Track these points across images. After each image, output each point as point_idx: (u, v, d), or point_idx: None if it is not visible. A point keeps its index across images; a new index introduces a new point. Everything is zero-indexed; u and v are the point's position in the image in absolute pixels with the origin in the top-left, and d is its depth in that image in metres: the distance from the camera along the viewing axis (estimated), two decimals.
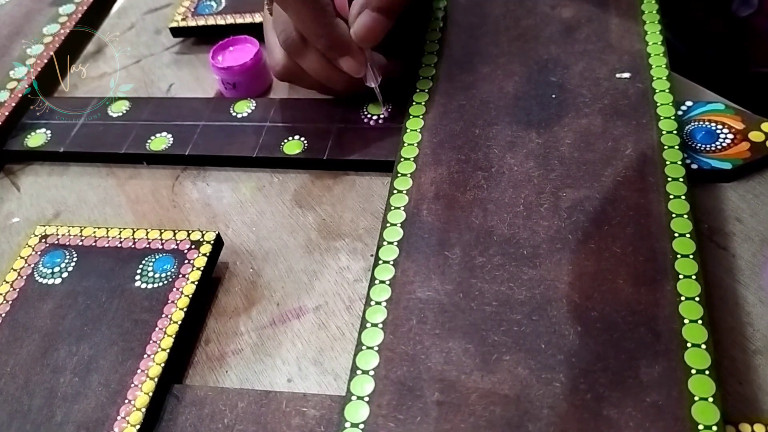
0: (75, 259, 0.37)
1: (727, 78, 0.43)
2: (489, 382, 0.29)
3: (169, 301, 0.35)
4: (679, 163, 0.36)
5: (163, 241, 0.37)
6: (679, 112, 0.39)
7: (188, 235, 0.38)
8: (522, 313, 0.31)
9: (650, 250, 0.32)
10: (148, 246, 0.37)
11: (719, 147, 0.38)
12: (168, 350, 0.33)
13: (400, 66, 0.44)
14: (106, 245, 0.38)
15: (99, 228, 0.39)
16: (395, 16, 0.40)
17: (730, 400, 0.29)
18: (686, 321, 0.30)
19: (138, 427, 0.31)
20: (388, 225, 0.36)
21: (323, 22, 0.39)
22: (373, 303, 0.33)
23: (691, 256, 0.32)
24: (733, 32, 0.51)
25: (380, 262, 0.34)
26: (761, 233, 0.35)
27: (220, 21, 0.52)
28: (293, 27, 0.40)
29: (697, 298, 0.30)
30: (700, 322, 0.30)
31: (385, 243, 0.35)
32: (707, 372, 0.28)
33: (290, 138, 0.43)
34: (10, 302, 0.36)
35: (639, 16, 0.44)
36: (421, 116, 0.41)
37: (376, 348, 0.31)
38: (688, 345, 0.29)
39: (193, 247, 0.37)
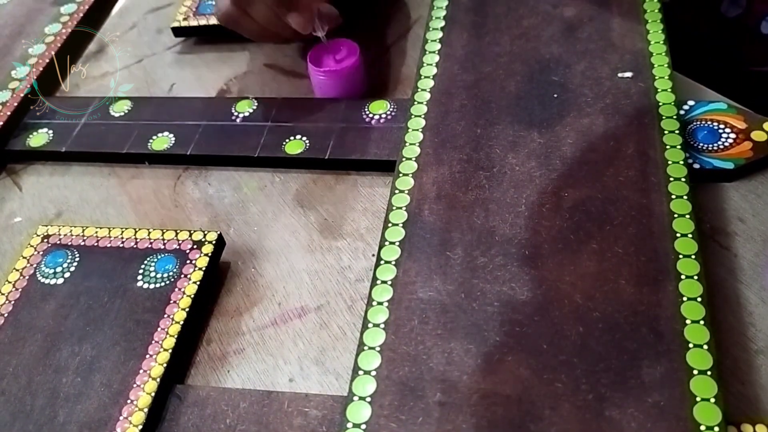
0: (77, 259, 0.38)
1: (720, 78, 0.44)
2: (491, 383, 0.29)
3: (171, 301, 0.35)
4: (681, 162, 0.36)
5: (165, 241, 0.37)
6: (681, 112, 0.39)
7: (190, 234, 0.38)
8: (524, 314, 0.31)
9: (652, 250, 0.32)
10: (150, 246, 0.37)
11: (721, 146, 0.38)
12: (170, 350, 0.33)
13: (341, 17, 0.45)
14: (108, 245, 0.38)
15: (101, 228, 0.39)
16: None
17: (732, 401, 0.29)
18: (688, 321, 0.30)
19: (140, 427, 0.31)
20: (389, 225, 0.35)
21: None
22: (374, 303, 0.33)
23: (693, 257, 0.32)
24: (722, 33, 0.51)
25: (382, 262, 0.34)
26: (763, 233, 0.35)
27: None
28: None
29: (699, 299, 0.30)
30: (702, 322, 0.30)
31: (386, 243, 0.35)
32: (709, 372, 0.28)
33: (292, 138, 0.43)
34: (13, 302, 0.36)
35: (641, 16, 0.44)
36: (422, 116, 0.41)
37: (378, 348, 0.31)
38: (690, 345, 0.29)
39: (194, 246, 0.37)
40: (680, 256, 0.32)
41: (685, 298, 0.30)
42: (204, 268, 0.36)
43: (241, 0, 0.42)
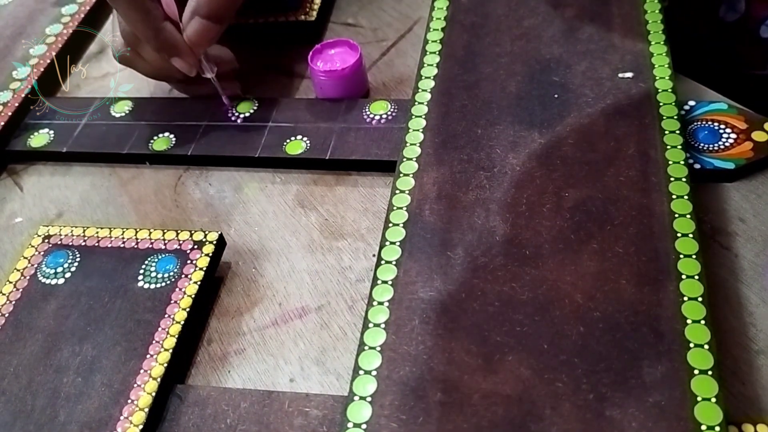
0: (78, 260, 0.38)
1: (719, 80, 0.44)
2: (491, 383, 0.29)
3: (172, 301, 0.35)
4: (682, 162, 0.36)
5: (166, 242, 0.37)
6: (682, 112, 0.39)
7: (191, 235, 0.38)
8: (524, 314, 0.31)
9: (653, 250, 0.32)
10: (150, 246, 0.37)
11: (722, 147, 0.38)
12: (171, 350, 0.33)
13: (236, 61, 0.47)
14: (109, 245, 0.38)
15: (102, 228, 0.39)
16: (225, 21, 0.42)
17: (733, 401, 0.29)
18: (689, 321, 0.30)
19: (141, 427, 0.31)
20: (390, 225, 0.36)
21: (150, 25, 0.41)
22: (375, 303, 0.33)
23: (693, 256, 0.32)
24: (721, 36, 0.51)
25: (382, 262, 0.34)
26: (764, 233, 0.35)
27: None
28: None
29: (699, 299, 0.30)
30: (702, 322, 0.30)
31: (387, 243, 0.35)
32: (710, 372, 0.28)
33: (292, 138, 0.43)
34: (14, 302, 0.36)
35: (642, 16, 0.44)
36: (423, 116, 0.41)
37: (379, 348, 0.31)
38: (691, 345, 0.29)
39: (195, 247, 0.37)
40: (681, 256, 0.32)
41: (685, 298, 0.30)
42: (205, 268, 0.36)
43: (129, 40, 0.43)
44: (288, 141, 0.43)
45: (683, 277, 0.31)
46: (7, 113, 0.48)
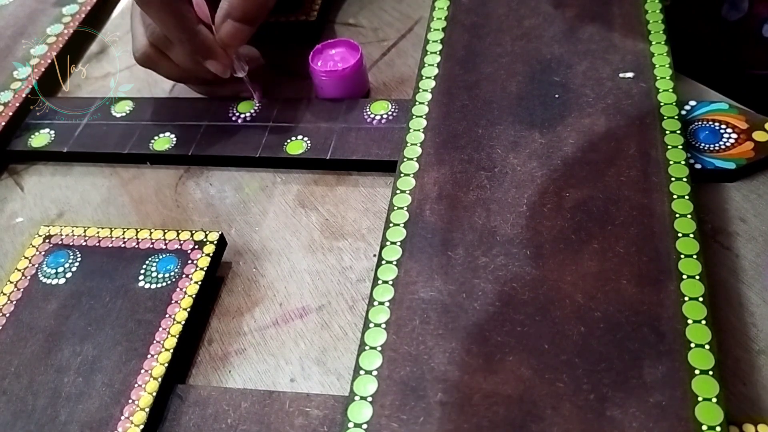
0: (79, 259, 0.38)
1: (721, 80, 0.44)
2: (492, 383, 0.29)
3: (173, 301, 0.35)
4: (683, 162, 0.36)
5: (167, 242, 0.37)
6: (683, 112, 0.39)
7: (191, 235, 0.38)
8: (525, 314, 0.31)
9: (654, 250, 0.32)
10: (151, 246, 0.37)
11: (723, 147, 0.38)
12: (171, 350, 0.33)
13: (262, 58, 0.47)
14: (110, 245, 0.38)
15: (102, 228, 0.39)
16: (258, 23, 0.42)
17: (734, 401, 0.29)
18: (690, 321, 0.30)
19: (142, 427, 0.31)
20: (391, 225, 0.36)
21: (185, 28, 0.40)
22: (376, 303, 0.33)
23: (694, 256, 0.32)
24: (723, 36, 0.51)
25: (383, 262, 0.34)
26: (765, 233, 0.35)
27: None
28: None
29: (700, 299, 0.30)
30: (703, 322, 0.30)
31: (388, 243, 0.35)
32: (711, 372, 0.28)
33: (293, 138, 0.43)
34: (14, 302, 0.36)
35: (642, 16, 0.44)
36: (424, 116, 0.41)
37: (379, 348, 0.31)
38: (692, 345, 0.29)
39: (196, 247, 0.37)
40: (682, 256, 0.32)
41: (686, 298, 0.30)
42: (205, 269, 0.36)
43: (159, 42, 0.43)
44: (289, 141, 0.43)
45: (684, 277, 0.31)
46: (8, 113, 0.48)
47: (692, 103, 0.40)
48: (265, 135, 0.44)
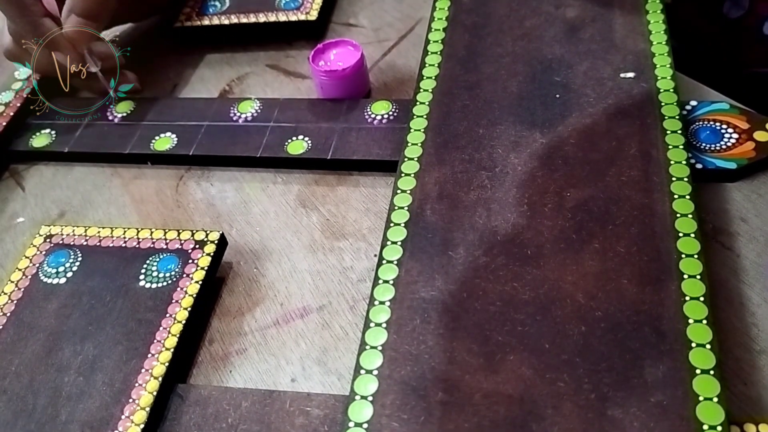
0: (79, 259, 0.38)
1: (721, 78, 0.44)
2: (493, 382, 0.29)
3: (174, 301, 0.35)
4: (684, 162, 0.36)
5: (168, 241, 0.37)
6: (684, 112, 0.39)
7: (192, 234, 0.38)
8: (526, 313, 0.31)
9: (655, 249, 0.32)
10: (152, 246, 0.37)
11: (724, 147, 0.38)
12: (172, 350, 0.33)
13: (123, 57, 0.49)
14: (111, 245, 0.38)
15: (103, 228, 0.39)
16: (100, 20, 0.45)
17: (735, 400, 0.29)
18: (691, 321, 0.30)
19: (142, 426, 0.31)
20: (391, 225, 0.36)
21: (29, 20, 0.44)
22: (376, 303, 0.33)
23: (695, 256, 0.32)
24: (724, 34, 0.51)
25: (384, 261, 0.34)
26: (766, 233, 0.35)
27: (225, 21, 0.52)
28: None
29: (701, 298, 0.30)
30: (704, 322, 0.30)
31: (388, 243, 0.35)
32: (712, 372, 0.28)
33: (294, 138, 0.43)
34: (15, 302, 0.36)
35: (643, 16, 0.44)
36: (424, 116, 0.41)
37: (380, 348, 0.31)
38: (693, 345, 0.29)
39: (197, 246, 0.37)
40: (683, 256, 0.32)
41: (687, 298, 0.30)
42: (206, 268, 0.36)
43: (18, 37, 0.46)
44: (289, 141, 0.43)
45: (685, 276, 0.31)
46: (9, 113, 0.48)
47: (693, 103, 0.40)
48: (266, 135, 0.44)
